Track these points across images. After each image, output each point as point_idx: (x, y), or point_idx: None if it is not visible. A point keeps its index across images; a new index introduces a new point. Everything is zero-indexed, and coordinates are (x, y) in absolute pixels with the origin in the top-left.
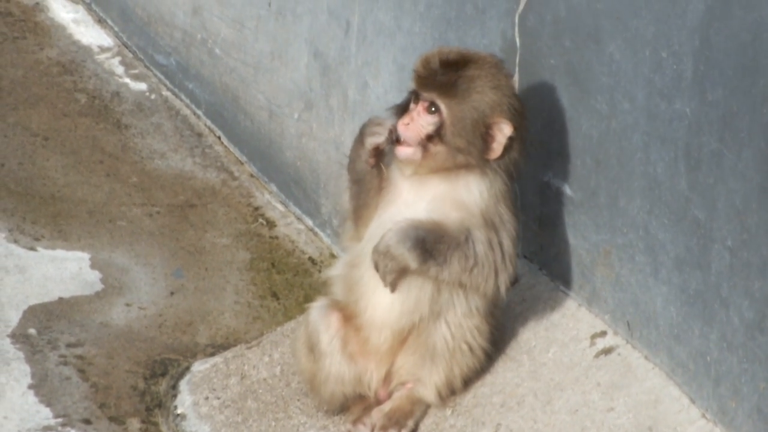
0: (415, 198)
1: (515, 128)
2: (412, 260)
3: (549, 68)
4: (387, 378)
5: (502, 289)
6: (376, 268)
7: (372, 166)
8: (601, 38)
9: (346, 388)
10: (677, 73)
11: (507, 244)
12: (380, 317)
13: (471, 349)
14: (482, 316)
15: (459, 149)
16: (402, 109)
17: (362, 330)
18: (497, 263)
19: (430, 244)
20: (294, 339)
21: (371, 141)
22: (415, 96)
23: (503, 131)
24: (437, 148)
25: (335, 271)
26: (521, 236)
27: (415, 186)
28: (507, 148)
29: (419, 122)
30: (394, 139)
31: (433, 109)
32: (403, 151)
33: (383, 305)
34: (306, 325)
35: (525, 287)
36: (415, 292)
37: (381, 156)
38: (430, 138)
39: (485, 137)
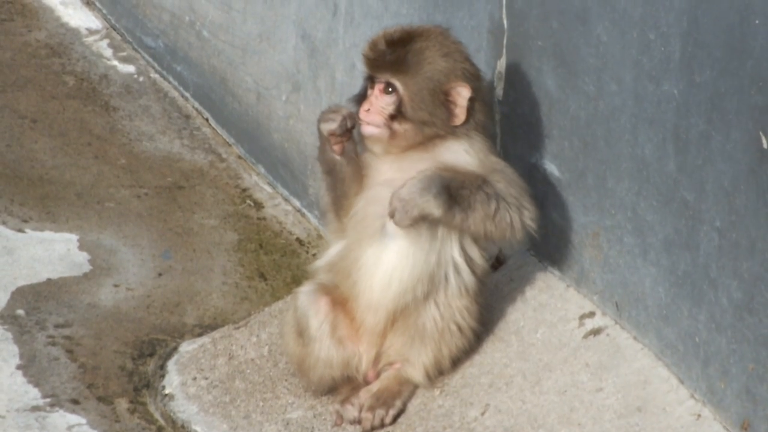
0: (401, 173)
1: (473, 89)
2: (436, 207)
3: (536, 50)
4: (376, 359)
5: (533, 226)
6: (392, 214)
7: (339, 155)
8: (589, 19)
9: (334, 372)
10: (665, 54)
11: (520, 182)
12: (377, 298)
13: (460, 329)
14: (472, 296)
15: (424, 122)
16: (361, 98)
17: (357, 313)
18: (520, 200)
19: (454, 190)
20: (282, 323)
21: (325, 128)
22: (370, 81)
23: (462, 95)
24: (403, 126)
25: (324, 261)
26: None
27: (396, 164)
28: (470, 111)
29: (378, 105)
30: (350, 126)
31: (389, 89)
32: (368, 128)
33: (381, 286)
34: (294, 310)
35: (513, 268)
36: (418, 270)
37: (349, 142)
38: (393, 118)
39: (446, 105)
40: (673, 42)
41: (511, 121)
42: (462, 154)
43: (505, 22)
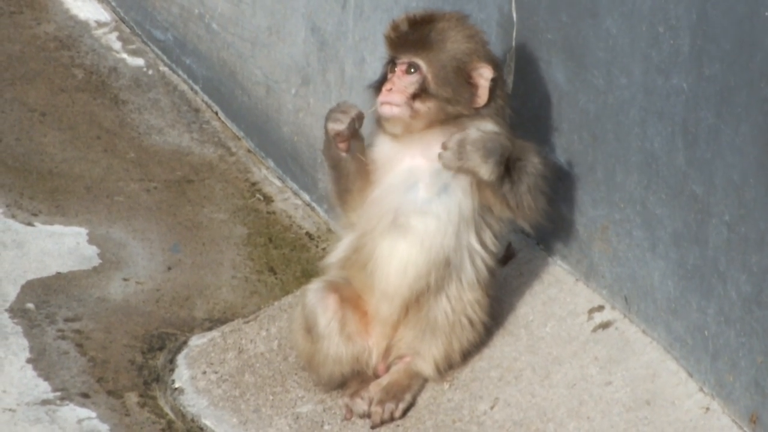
0: (423, 159)
1: (495, 72)
2: (489, 174)
3: (546, 43)
4: (386, 352)
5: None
6: (444, 149)
7: (345, 152)
8: (598, 13)
9: (344, 368)
10: (674, 47)
11: (548, 168)
12: (394, 286)
13: (471, 322)
14: (483, 289)
15: (448, 100)
16: (380, 83)
17: (370, 304)
18: (548, 184)
19: (512, 162)
20: (291, 320)
21: (332, 127)
22: (390, 64)
23: (484, 75)
24: (427, 104)
25: (336, 257)
26: None
27: (419, 148)
28: (492, 94)
29: (401, 85)
30: (357, 127)
31: (412, 69)
32: (389, 108)
33: (397, 273)
34: (303, 308)
35: (522, 262)
36: (434, 254)
37: (355, 140)
38: (415, 97)
39: (469, 85)
40: (682, 35)
41: (521, 114)
42: (489, 131)
43: (514, 14)
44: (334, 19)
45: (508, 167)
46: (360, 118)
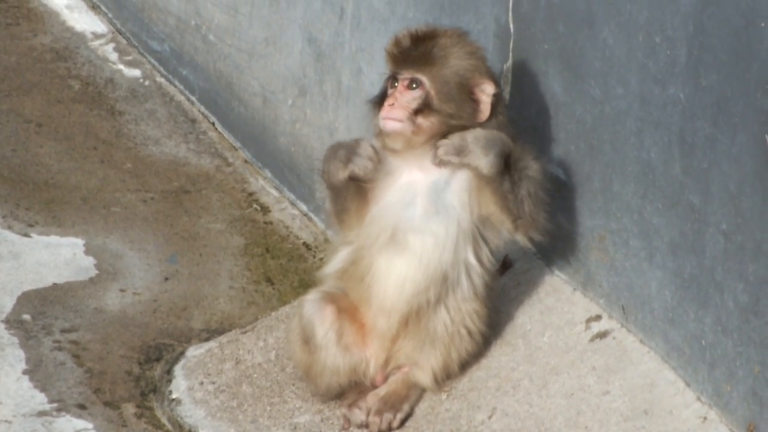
0: (423, 173)
1: (496, 87)
2: (489, 166)
3: (543, 53)
4: (385, 363)
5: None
6: (442, 149)
7: (347, 180)
8: (595, 23)
9: (341, 379)
10: (671, 58)
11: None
12: (391, 302)
13: (470, 333)
14: (481, 299)
15: (450, 115)
16: (380, 98)
17: (368, 318)
18: (546, 200)
19: (513, 161)
20: (288, 331)
21: (361, 169)
22: (391, 80)
23: (486, 91)
24: (429, 120)
25: (333, 268)
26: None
27: (413, 159)
28: (494, 109)
29: (403, 100)
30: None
31: (414, 85)
32: (391, 123)
33: (395, 288)
34: (300, 318)
35: (520, 271)
36: (432, 271)
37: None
38: (417, 112)
39: (471, 101)
40: (678, 45)
41: (518, 124)
42: None
43: (511, 25)
44: (331, 30)
45: (509, 167)
46: (377, 152)
